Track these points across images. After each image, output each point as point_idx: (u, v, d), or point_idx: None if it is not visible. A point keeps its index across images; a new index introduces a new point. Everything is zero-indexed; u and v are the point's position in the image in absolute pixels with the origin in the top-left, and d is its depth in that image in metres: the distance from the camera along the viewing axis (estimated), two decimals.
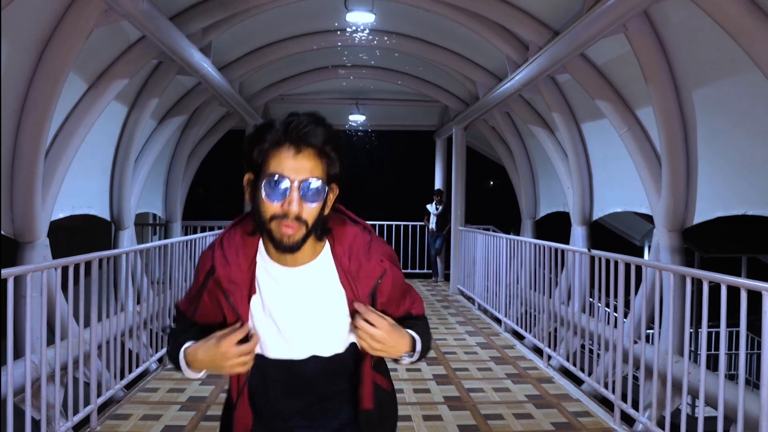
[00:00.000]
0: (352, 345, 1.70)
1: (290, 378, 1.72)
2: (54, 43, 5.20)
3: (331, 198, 1.62)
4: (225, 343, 1.58)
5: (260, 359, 1.68)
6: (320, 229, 1.62)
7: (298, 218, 1.53)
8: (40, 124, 5.33)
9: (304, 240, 1.57)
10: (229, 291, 1.64)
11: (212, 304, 1.68)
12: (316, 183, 1.54)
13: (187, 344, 1.68)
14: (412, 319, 1.79)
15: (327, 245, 1.69)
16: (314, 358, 1.69)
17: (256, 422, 1.75)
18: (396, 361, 1.73)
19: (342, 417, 1.78)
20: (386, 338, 1.62)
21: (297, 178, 1.52)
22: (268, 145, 1.54)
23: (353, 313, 1.65)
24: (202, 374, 1.70)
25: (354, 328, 1.63)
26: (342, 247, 1.68)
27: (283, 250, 1.57)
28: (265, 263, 1.67)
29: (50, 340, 5.00)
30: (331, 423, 1.78)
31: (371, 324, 1.61)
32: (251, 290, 1.66)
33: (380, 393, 1.79)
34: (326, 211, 1.61)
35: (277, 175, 1.52)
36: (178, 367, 1.70)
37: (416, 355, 1.72)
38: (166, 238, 10.28)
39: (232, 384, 1.76)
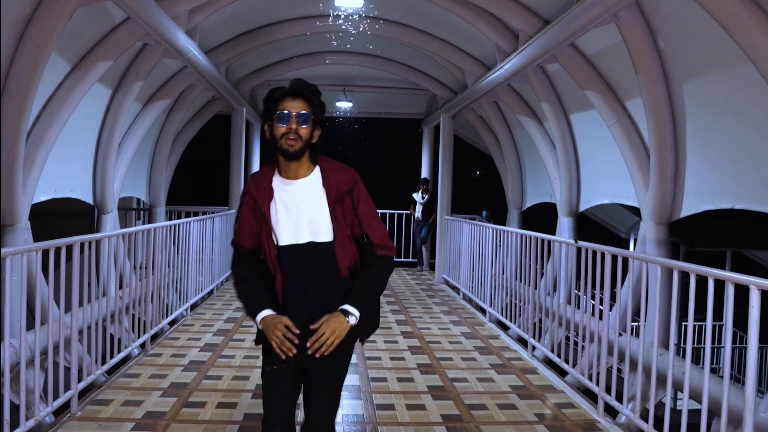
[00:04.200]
0: (333, 241, 2.56)
1: (297, 260, 2.56)
2: (35, 22, 5.09)
3: (317, 133, 2.58)
4: (278, 329, 2.46)
5: (278, 250, 2.57)
6: (311, 153, 2.58)
7: (297, 133, 2.50)
8: (21, 105, 5.23)
9: (301, 151, 2.53)
10: (257, 198, 2.57)
11: (250, 215, 2.60)
12: (305, 113, 2.51)
13: (264, 313, 2.54)
14: (361, 270, 2.63)
15: (317, 168, 2.61)
16: (311, 244, 2.56)
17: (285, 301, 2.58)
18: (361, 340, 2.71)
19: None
20: (330, 333, 2.45)
21: (294, 110, 2.51)
22: (278, 96, 2.53)
23: (342, 204, 2.56)
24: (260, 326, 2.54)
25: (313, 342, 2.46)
26: (326, 166, 2.62)
27: (289, 157, 2.53)
28: (278, 180, 2.60)
29: (31, 325, 4.93)
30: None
31: (317, 339, 2.46)
32: (270, 197, 2.57)
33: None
34: (314, 140, 2.57)
35: (284, 110, 2.50)
36: (249, 315, 2.59)
37: (354, 318, 2.51)
38: (149, 223, 10.18)
39: (267, 257, 2.60)
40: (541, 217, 10.86)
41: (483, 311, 8.70)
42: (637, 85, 5.88)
